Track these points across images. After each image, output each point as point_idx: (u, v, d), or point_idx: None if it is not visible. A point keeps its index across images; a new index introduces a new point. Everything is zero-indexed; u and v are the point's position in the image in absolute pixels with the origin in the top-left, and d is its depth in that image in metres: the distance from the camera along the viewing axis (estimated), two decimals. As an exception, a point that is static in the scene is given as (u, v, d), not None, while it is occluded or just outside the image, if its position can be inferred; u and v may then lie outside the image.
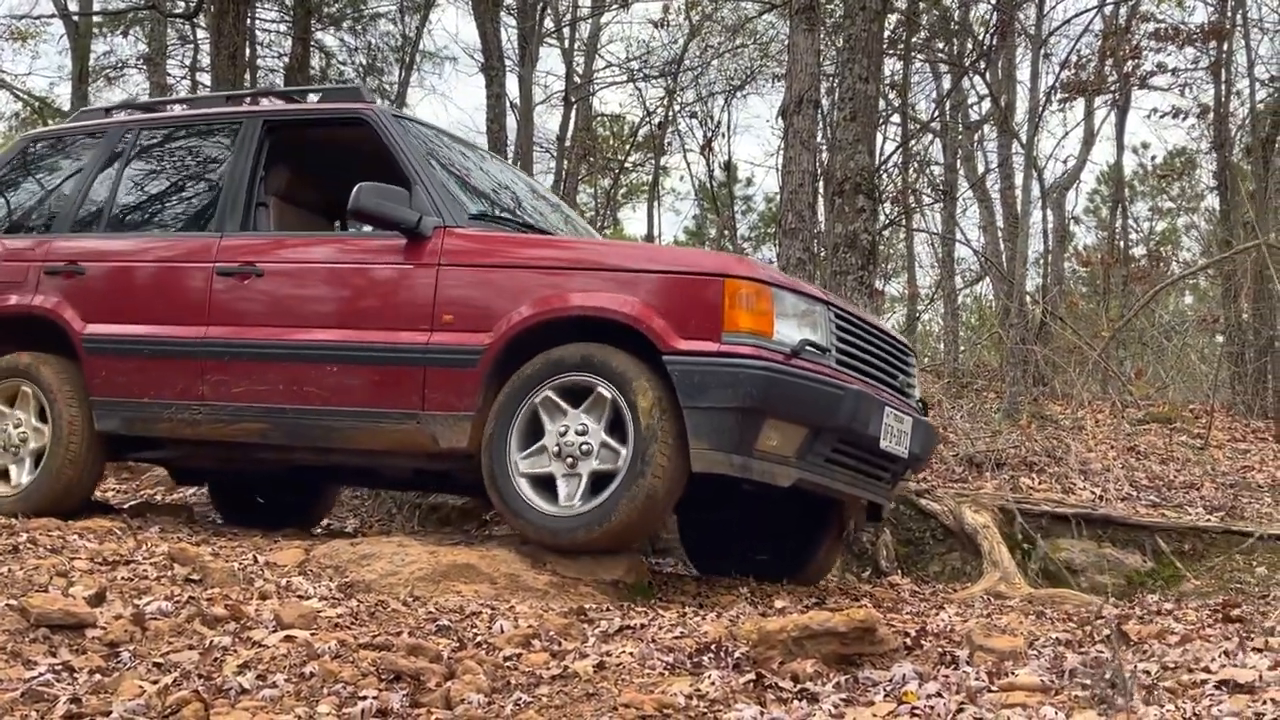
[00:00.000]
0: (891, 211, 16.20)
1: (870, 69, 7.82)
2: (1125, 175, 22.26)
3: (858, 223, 7.74)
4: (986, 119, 19.24)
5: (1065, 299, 15.26)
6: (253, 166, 5.49)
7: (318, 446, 5.10)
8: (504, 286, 4.67)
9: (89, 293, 5.55)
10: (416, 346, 4.74)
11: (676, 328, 4.33)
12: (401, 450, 4.88)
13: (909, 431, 4.84)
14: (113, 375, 5.39)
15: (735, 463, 4.27)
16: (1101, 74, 15.40)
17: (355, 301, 4.95)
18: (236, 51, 12.89)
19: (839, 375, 4.51)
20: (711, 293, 4.33)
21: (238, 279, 5.19)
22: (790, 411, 4.33)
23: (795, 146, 9.10)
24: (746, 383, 4.21)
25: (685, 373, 4.27)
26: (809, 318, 4.48)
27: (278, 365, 5.02)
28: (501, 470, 4.51)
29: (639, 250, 4.81)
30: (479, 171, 5.88)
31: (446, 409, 4.67)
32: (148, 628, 3.25)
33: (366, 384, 4.84)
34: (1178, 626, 3.78)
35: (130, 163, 5.91)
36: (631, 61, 18.72)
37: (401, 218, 4.85)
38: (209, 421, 5.17)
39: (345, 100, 5.61)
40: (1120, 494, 7.07)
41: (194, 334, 5.22)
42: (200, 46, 19.18)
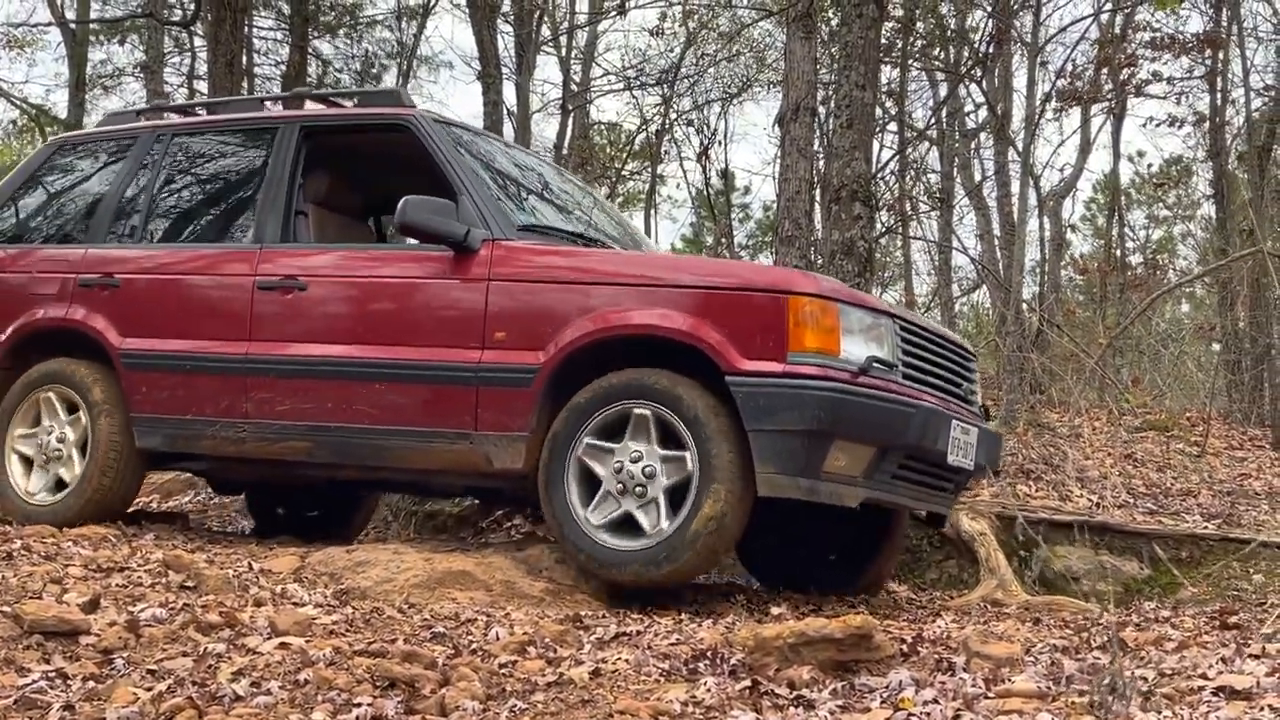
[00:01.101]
0: (888, 219, 16.22)
1: (867, 76, 7.83)
2: (1122, 183, 22.29)
3: (854, 230, 7.74)
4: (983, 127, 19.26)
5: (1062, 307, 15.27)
6: (291, 174, 5.39)
7: (367, 465, 5.03)
8: (557, 302, 4.54)
9: (125, 306, 5.46)
10: (468, 365, 4.63)
11: (740, 347, 4.21)
12: (454, 470, 4.80)
13: (975, 443, 4.74)
14: (153, 392, 5.30)
15: (802, 486, 4.16)
16: (1097, 82, 15.43)
17: (403, 317, 4.84)
18: (233, 59, 12.90)
19: (906, 391, 4.40)
20: (776, 310, 4.21)
21: (280, 293, 5.10)
22: (858, 432, 4.21)
23: (792, 154, 9.13)
24: (814, 405, 4.09)
25: (750, 395, 4.15)
26: (875, 332, 4.36)
27: (324, 383, 4.92)
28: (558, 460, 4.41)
29: (698, 265, 4.67)
30: (528, 177, 5.76)
31: (500, 429, 4.57)
32: (142, 634, 3.23)
33: (417, 403, 4.73)
34: (1175, 633, 3.77)
35: (163, 169, 5.80)
36: (628, 69, 18.73)
37: (449, 231, 4.73)
38: (254, 440, 5.09)
39: (385, 104, 5.45)
40: (1117, 501, 7.07)
41: (236, 350, 5.13)
42: (197, 54, 19.21)
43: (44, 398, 5.59)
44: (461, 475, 4.87)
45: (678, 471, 4.26)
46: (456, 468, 4.75)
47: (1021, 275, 14.40)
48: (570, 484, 4.40)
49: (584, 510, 4.36)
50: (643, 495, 4.29)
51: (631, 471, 4.31)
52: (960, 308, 19.77)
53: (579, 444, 4.39)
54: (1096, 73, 15.34)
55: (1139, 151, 31.73)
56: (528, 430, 4.52)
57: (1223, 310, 14.69)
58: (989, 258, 17.70)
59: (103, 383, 5.45)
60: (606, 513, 4.34)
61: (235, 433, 5.12)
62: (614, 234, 5.83)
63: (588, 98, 19.34)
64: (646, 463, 4.29)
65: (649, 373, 4.35)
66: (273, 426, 5.03)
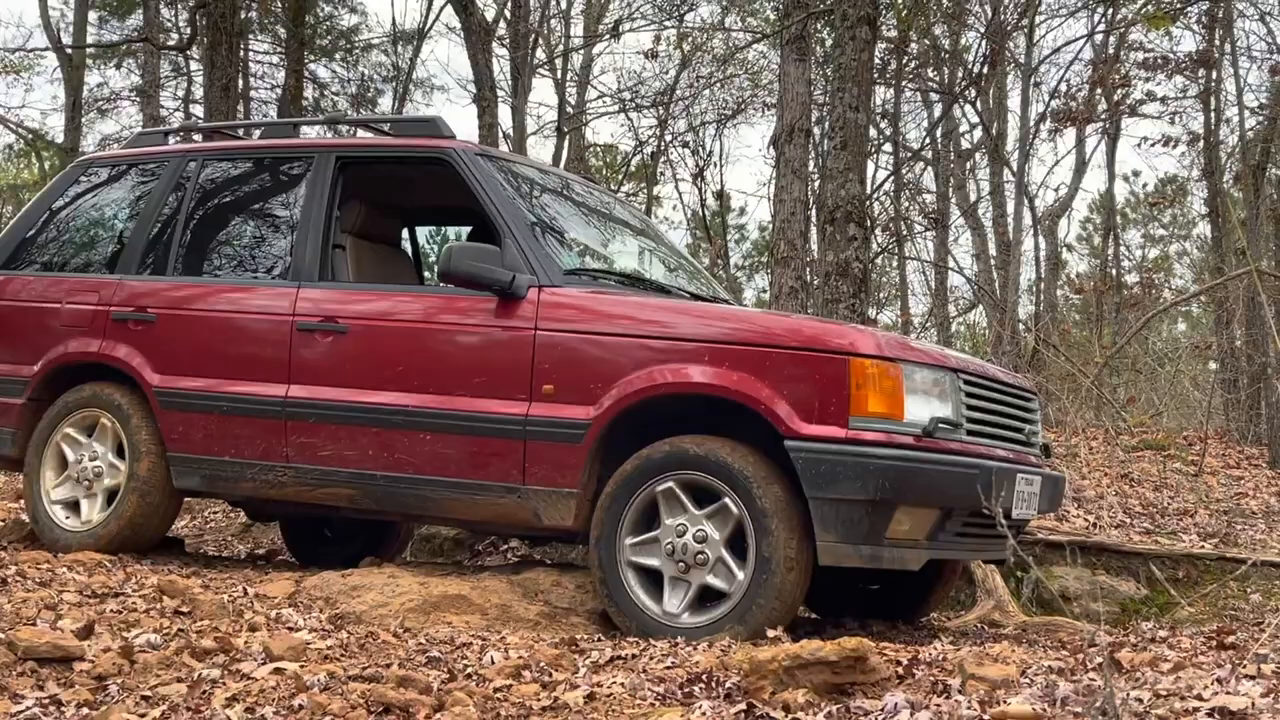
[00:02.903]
0: (884, 239, 16.26)
1: (860, 98, 7.86)
2: (1117, 203, 22.35)
3: (849, 251, 7.76)
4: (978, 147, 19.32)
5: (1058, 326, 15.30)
6: (328, 206, 5.30)
7: (411, 514, 5.01)
8: (609, 355, 4.44)
9: (160, 342, 5.40)
10: (515, 418, 4.54)
11: (800, 410, 4.10)
12: (501, 522, 4.76)
13: (1038, 491, 4.65)
14: (190, 431, 5.26)
15: (864, 554, 4.09)
16: (1092, 102, 15.50)
17: (446, 365, 4.75)
18: (230, 83, 12.96)
19: (971, 449, 4.32)
20: (838, 373, 4.09)
21: (320, 335, 5.03)
22: (923, 497, 4.13)
23: (787, 175, 9.16)
24: (878, 474, 3.99)
25: (811, 461, 4.05)
26: (938, 390, 4.25)
27: (367, 430, 4.85)
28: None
29: (758, 320, 4.49)
30: (577, 210, 5.66)
31: (549, 484, 4.49)
32: (136, 660, 3.23)
33: (463, 454, 4.66)
34: (1171, 654, 3.77)
35: (196, 196, 5.72)
36: (623, 92, 18.80)
37: (495, 279, 4.61)
38: (294, 484, 5.05)
39: (423, 135, 5.30)
40: (1114, 521, 7.07)
41: (276, 393, 5.06)
42: (193, 78, 19.28)
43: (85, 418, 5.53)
44: (509, 527, 4.85)
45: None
46: (503, 521, 4.70)
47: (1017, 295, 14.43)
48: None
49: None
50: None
51: (684, 545, 4.22)
52: (956, 328, 19.81)
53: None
54: (1091, 93, 15.42)
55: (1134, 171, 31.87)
56: (578, 486, 4.44)
57: (1219, 329, 14.71)
58: (985, 278, 17.73)
59: (144, 414, 5.39)
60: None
61: (275, 476, 5.07)
62: (674, 273, 5.72)
63: (583, 120, 19.41)
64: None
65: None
66: (314, 471, 4.98)
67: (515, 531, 4.97)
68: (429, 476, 4.73)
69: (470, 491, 4.66)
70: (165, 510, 5.46)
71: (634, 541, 4.30)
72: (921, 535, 4.22)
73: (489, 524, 4.88)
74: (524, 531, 4.92)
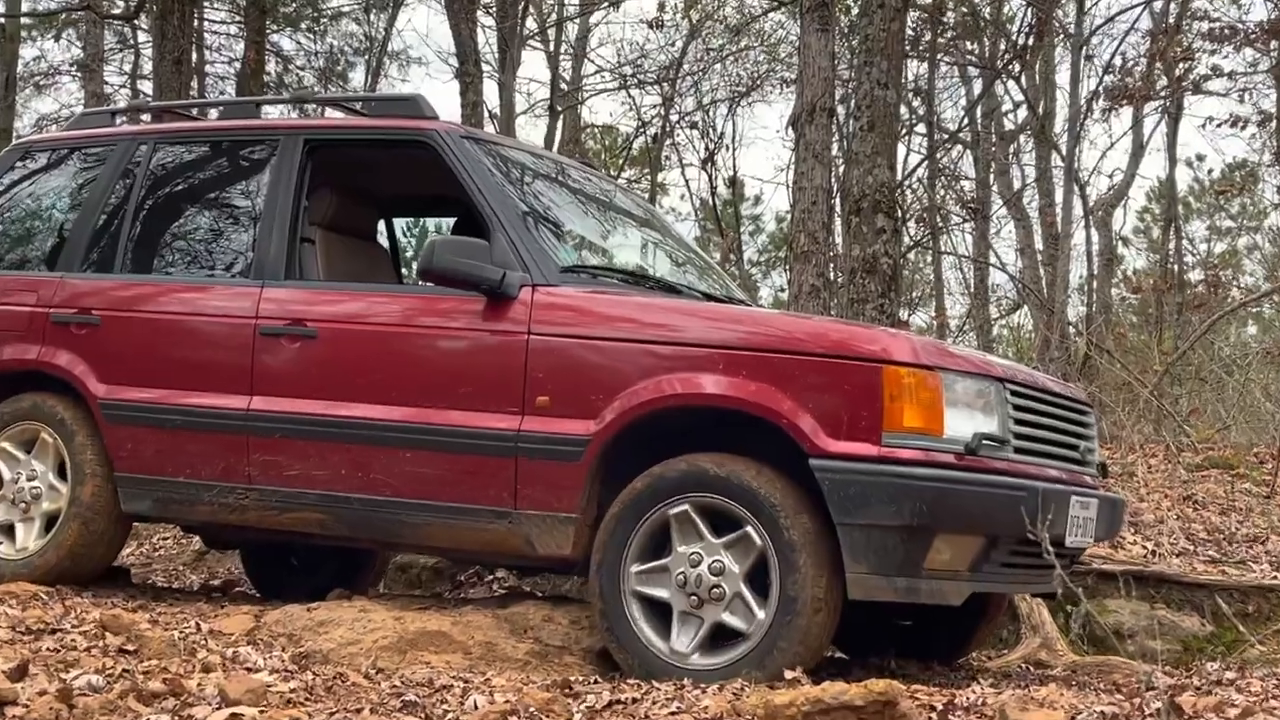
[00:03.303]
0: (916, 232, 16.28)
1: (890, 73, 7.88)
2: (1178, 191, 22.38)
3: (878, 245, 7.77)
4: (1022, 128, 19.35)
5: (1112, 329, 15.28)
6: (295, 195, 5.27)
7: (388, 542, 5.01)
8: (611, 363, 4.43)
9: (106, 348, 5.38)
10: (506, 434, 4.52)
11: (827, 425, 4.08)
12: (490, 552, 4.76)
13: (1094, 516, 4.62)
14: (140, 449, 5.24)
15: (899, 586, 4.07)
16: (1150, 78, 15.50)
17: (429, 374, 4.75)
18: (182, 56, 12.99)
19: (1019, 468, 4.28)
20: (869, 383, 4.06)
21: (286, 341, 5.01)
22: (965, 523, 4.11)
23: (807, 160, 9.17)
24: (914, 496, 3.96)
25: (839, 483, 4.02)
26: (982, 402, 4.22)
27: (339, 447, 4.84)
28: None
29: (779, 322, 4.52)
30: (577, 201, 5.65)
31: (544, 508, 4.47)
32: (75, 705, 3.23)
33: (447, 474, 4.65)
34: (1239, 698, 3.77)
35: (147, 184, 5.70)
36: (624, 66, 18.83)
37: (483, 277, 4.59)
38: (257, 508, 5.03)
39: (403, 115, 5.27)
40: (1175, 549, 7.06)
41: (237, 405, 5.04)
42: (142, 51, 19.34)
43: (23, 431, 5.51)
44: (499, 556, 4.85)
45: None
46: (492, 549, 4.69)
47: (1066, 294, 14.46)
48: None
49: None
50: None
51: (697, 577, 4.19)
52: (998, 331, 19.82)
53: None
54: (1149, 67, 15.42)
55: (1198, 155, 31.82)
56: (576, 510, 4.42)
57: (1293, 332, 14.70)
58: (1030, 275, 17.75)
59: (87, 428, 5.36)
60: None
61: (236, 499, 5.06)
62: (682, 270, 5.71)
63: (579, 98, 19.45)
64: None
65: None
66: (279, 494, 4.96)
67: (505, 561, 4.98)
68: (408, 499, 4.72)
69: (455, 516, 4.65)
70: (111, 538, 5.45)
71: (641, 569, 4.28)
72: (963, 566, 4.20)
73: (476, 553, 4.88)
74: (515, 561, 4.93)
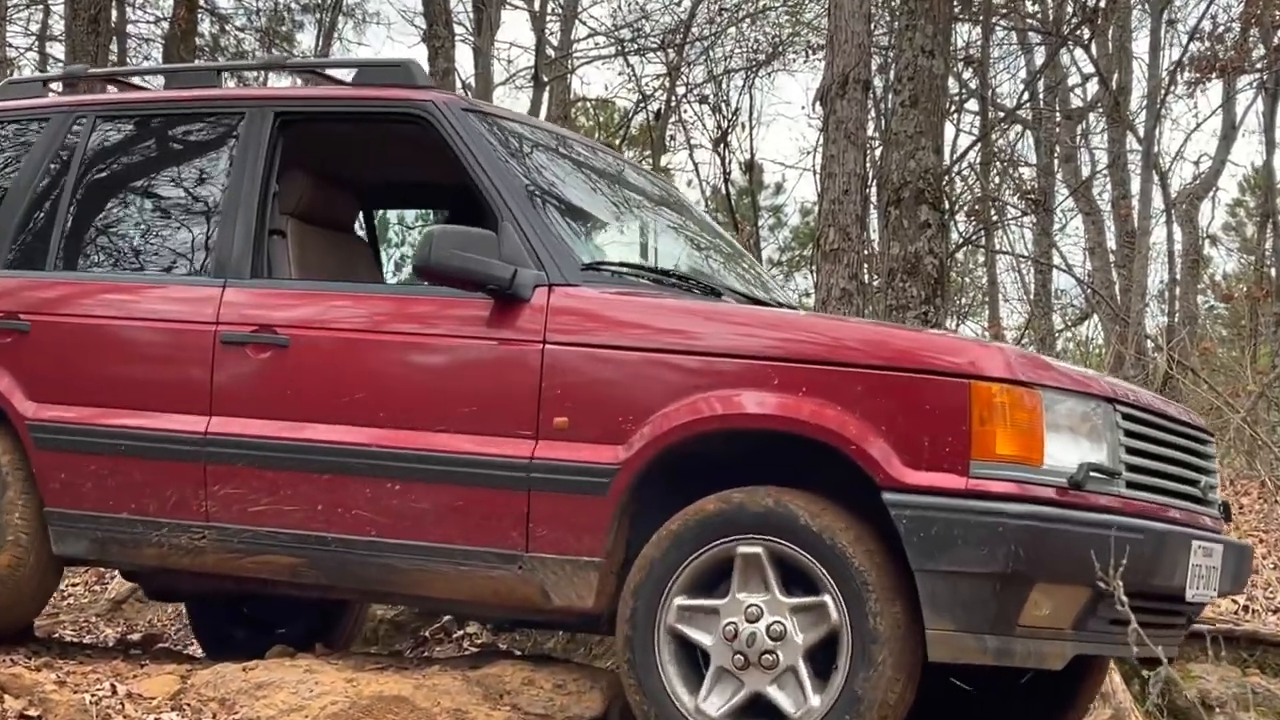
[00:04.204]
0: (966, 227, 16.31)
1: (937, 39, 7.91)
2: (1277, 181, 22.40)
3: (921, 241, 7.79)
4: (1093, 105, 19.41)
5: (1198, 344, 15.32)
6: (263, 179, 5.20)
7: (372, 591, 4.98)
8: (644, 379, 4.37)
9: (36, 360, 5.30)
10: (516, 462, 4.45)
11: (903, 452, 4.01)
12: (495, 602, 4.68)
13: (1218, 565, 4.51)
14: (76, 479, 5.15)
15: (990, 646, 3.98)
16: (1244, 47, 15.54)
17: (425, 390, 4.71)
18: (100, 14, 13.00)
19: (1132, 506, 4.20)
20: (954, 402, 4.01)
21: (253, 350, 4.94)
22: (1070, 571, 4.00)
23: (839, 141, 9.18)
24: (1010, 538, 3.87)
25: (919, 521, 3.94)
26: (1089, 426, 4.15)
27: (316, 478, 4.77)
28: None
29: (843, 331, 4.49)
30: (597, 187, 5.63)
31: (562, 550, 4.39)
32: (-33, 781, 3.24)
33: (444, 510, 4.58)
34: (1348, 781, 3.77)
35: (85, 165, 5.63)
36: (622, 29, 18.88)
37: (490, 275, 4.52)
38: (216, 550, 4.94)
39: (391, 85, 5.19)
40: (1272, 604, 7.08)
41: (192, 428, 4.97)
42: (51, 9, 19.41)
43: None
44: (506, 609, 4.77)
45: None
46: (498, 600, 4.62)
47: (1144, 302, 14.48)
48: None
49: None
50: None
51: (751, 634, 4.11)
52: (1063, 344, 19.84)
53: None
54: (1243, 34, 15.46)
55: (1301, 138, 31.92)
56: (600, 554, 4.35)
57: None
58: (1101, 279, 17.79)
59: (10, 453, 5.29)
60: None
61: (190, 539, 4.97)
62: (718, 267, 5.70)
63: (568, 66, 19.50)
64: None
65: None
66: (242, 533, 4.88)
67: (514, 614, 4.85)
68: (397, 540, 4.64)
69: (454, 560, 4.57)
70: (38, 585, 5.35)
71: (687, 602, 4.20)
72: (1066, 622, 4.14)
73: (478, 604, 4.79)
74: (525, 615, 4.79)
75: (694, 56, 18.20)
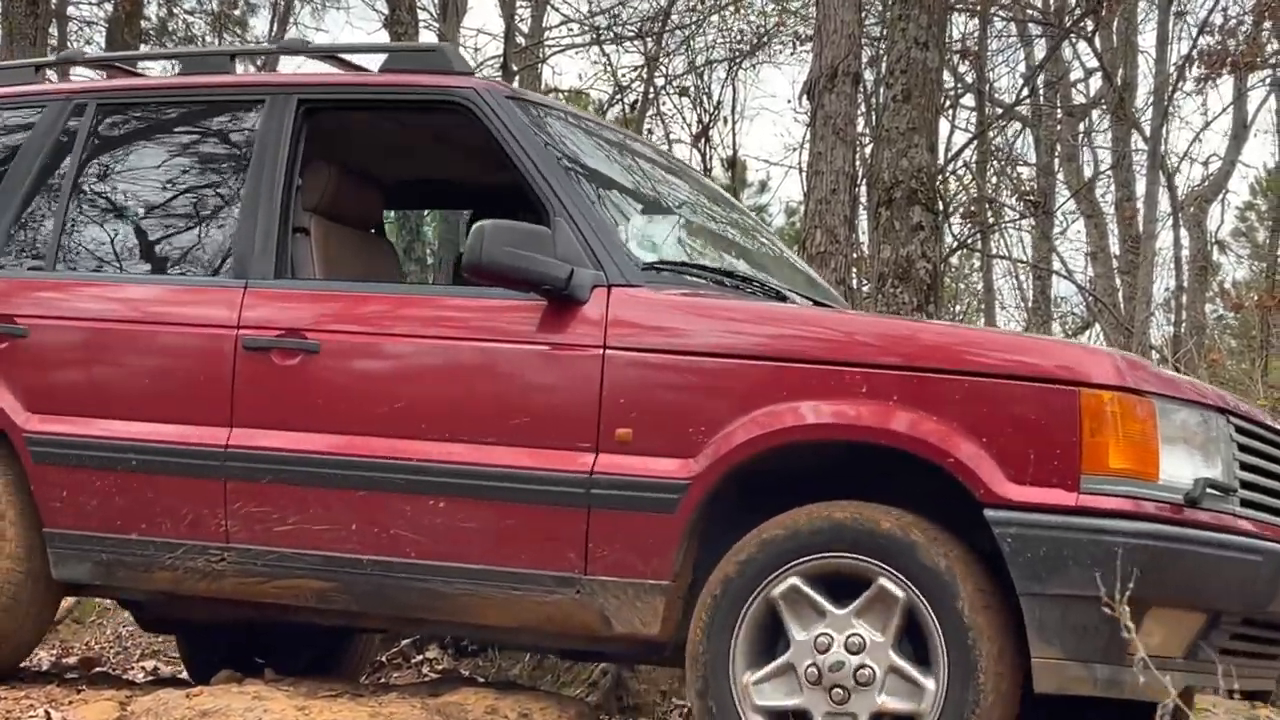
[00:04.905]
0: (961, 230, 16.35)
1: (931, 30, 7.93)
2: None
3: (913, 244, 7.81)
4: (1096, 102, 19.48)
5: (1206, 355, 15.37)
6: (287, 172, 5.12)
7: (410, 617, 4.88)
8: (717, 386, 4.33)
9: (35, 367, 5.21)
10: (575, 477, 4.39)
11: (1007, 466, 3.95)
12: (549, 629, 4.60)
13: None
14: (80, 497, 5.06)
15: (1099, 676, 3.89)
16: (1257, 40, 15.60)
17: (472, 399, 4.62)
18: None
19: (1247, 526, 4.14)
20: (1062, 411, 3.94)
21: (279, 356, 4.85)
22: (1184, 595, 3.98)
23: (827, 138, 9.20)
24: (1126, 559, 3.77)
25: (1026, 540, 3.87)
26: (1203, 438, 4.08)
27: (349, 494, 4.69)
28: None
29: (932, 333, 4.47)
30: (648, 182, 5.57)
31: (624, 573, 4.32)
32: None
33: (493, 529, 4.51)
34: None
35: (88, 156, 5.57)
36: (597, 16, 18.90)
37: (546, 274, 4.46)
38: (236, 574, 4.85)
39: (428, 71, 5.12)
40: None
41: (211, 440, 4.88)
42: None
43: None
44: (560, 637, 4.69)
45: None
46: (553, 627, 4.55)
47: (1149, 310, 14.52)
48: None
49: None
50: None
51: (838, 660, 4.03)
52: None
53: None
54: (1255, 27, 15.53)
55: (1316, 138, 32.02)
56: (668, 577, 4.28)
57: None
58: (1104, 285, 17.85)
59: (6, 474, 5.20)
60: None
61: (208, 562, 4.88)
62: (778, 272, 5.58)
63: (540, 55, 19.49)
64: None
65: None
66: (267, 555, 4.79)
67: (569, 642, 4.75)
68: (441, 562, 4.57)
69: (503, 584, 4.50)
70: (36, 614, 5.29)
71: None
72: (1177, 650, 4.07)
73: (530, 632, 4.71)
74: (581, 642, 4.67)
75: (674, 46, 18.21)
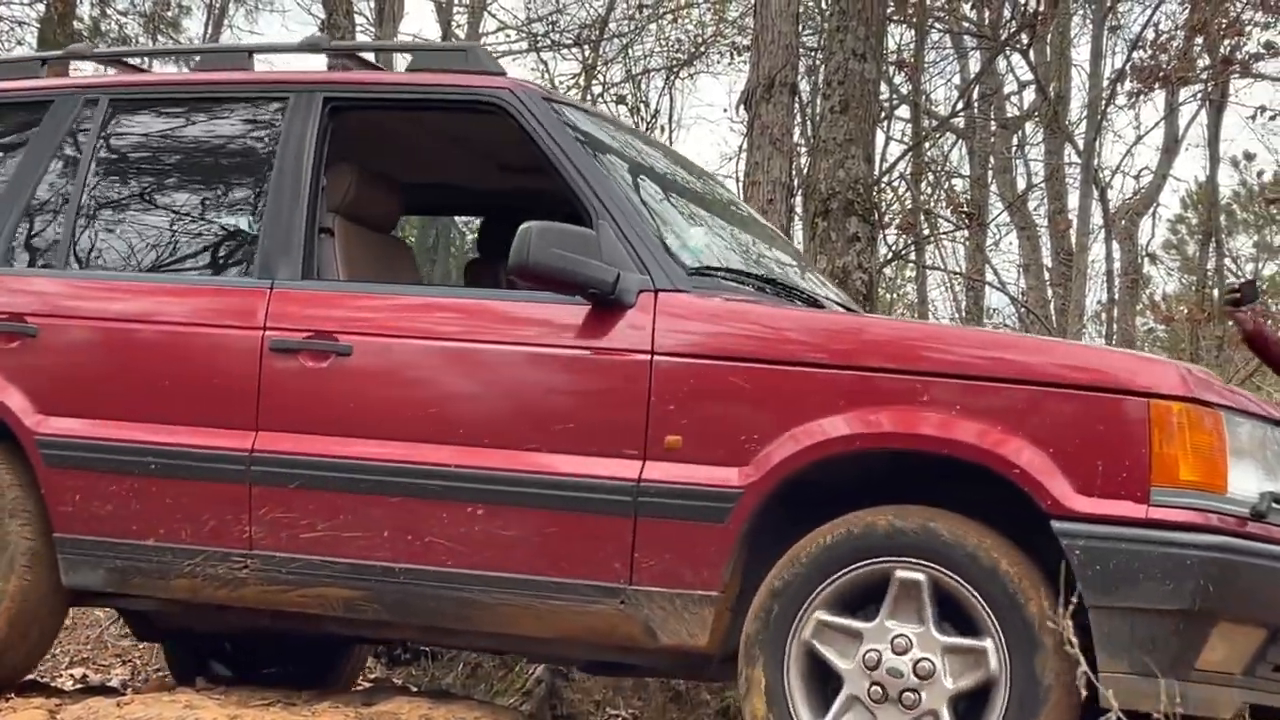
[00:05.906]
0: (896, 241, 16.43)
1: (869, 41, 7.97)
2: (1221, 197, 22.77)
3: (850, 255, 7.84)
4: (1030, 115, 19.62)
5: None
6: (313, 171, 5.07)
7: (444, 628, 4.81)
8: (771, 394, 4.27)
9: (46, 368, 5.13)
10: (621, 484, 4.34)
11: (1074, 477, 3.91)
12: (591, 641, 4.56)
13: None
14: (94, 502, 4.97)
15: (1165, 692, 3.82)
16: (1189, 56, 15.76)
17: (513, 404, 4.58)
18: (-32, -6, 12.87)
19: None
20: (1132, 422, 3.91)
21: (308, 359, 4.79)
22: (1249, 610, 3.95)
23: (763, 148, 9.22)
24: (1198, 572, 3.77)
25: (1095, 553, 3.83)
26: (1268, 451, 4.08)
27: (382, 501, 4.63)
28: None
29: (993, 340, 4.44)
30: (686, 187, 5.54)
31: (672, 583, 4.26)
32: None
33: (534, 537, 4.44)
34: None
35: (102, 153, 5.49)
36: (534, 23, 18.90)
37: (593, 278, 4.41)
38: (259, 581, 4.78)
39: (461, 71, 5.08)
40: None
41: (236, 445, 4.81)
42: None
43: None
44: (603, 649, 4.64)
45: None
46: (595, 639, 4.51)
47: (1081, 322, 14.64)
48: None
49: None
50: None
51: (894, 667, 3.99)
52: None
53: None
54: (1187, 43, 15.69)
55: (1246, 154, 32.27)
56: (717, 588, 4.23)
57: (1359, 376, 14.98)
58: (1036, 297, 17.99)
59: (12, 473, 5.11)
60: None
61: (230, 569, 4.80)
62: (802, 278, 5.57)
63: (477, 61, 19.46)
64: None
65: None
66: (293, 563, 4.72)
67: (612, 654, 4.68)
68: (478, 571, 4.51)
69: (544, 594, 4.44)
70: (44, 623, 5.19)
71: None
72: (1237, 667, 4.05)
73: (571, 643, 4.68)
74: (625, 655, 4.65)
75: (611, 54, 18.25)
